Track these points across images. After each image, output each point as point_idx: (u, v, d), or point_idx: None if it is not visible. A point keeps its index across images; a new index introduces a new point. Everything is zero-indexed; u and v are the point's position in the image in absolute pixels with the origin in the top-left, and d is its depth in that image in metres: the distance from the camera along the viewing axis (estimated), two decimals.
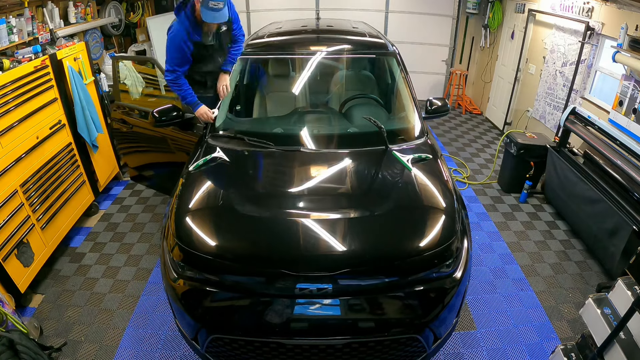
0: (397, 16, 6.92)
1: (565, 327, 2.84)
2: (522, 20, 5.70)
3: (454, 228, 2.11)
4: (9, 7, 3.47)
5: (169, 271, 2.09)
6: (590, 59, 4.34)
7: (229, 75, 3.10)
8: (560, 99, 4.87)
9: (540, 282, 3.25)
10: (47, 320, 2.86)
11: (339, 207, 2.23)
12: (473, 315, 2.92)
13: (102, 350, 2.64)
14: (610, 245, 3.14)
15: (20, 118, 2.98)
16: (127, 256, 3.52)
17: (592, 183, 3.44)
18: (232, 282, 2.00)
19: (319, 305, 1.95)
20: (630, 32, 3.49)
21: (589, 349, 2.09)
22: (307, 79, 3.26)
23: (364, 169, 2.56)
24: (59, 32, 4.04)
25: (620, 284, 1.96)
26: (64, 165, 3.53)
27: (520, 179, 4.37)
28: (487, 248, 3.65)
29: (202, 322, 2.01)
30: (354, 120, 3.00)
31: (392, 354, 2.05)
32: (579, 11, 4.38)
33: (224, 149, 2.65)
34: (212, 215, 2.21)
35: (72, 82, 3.59)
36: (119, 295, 3.09)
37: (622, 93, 3.74)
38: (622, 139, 3.26)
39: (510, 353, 2.65)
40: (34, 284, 3.09)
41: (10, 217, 2.80)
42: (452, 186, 2.42)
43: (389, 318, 1.99)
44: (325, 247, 1.97)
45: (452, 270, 2.05)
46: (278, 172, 2.56)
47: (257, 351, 2.04)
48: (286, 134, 2.89)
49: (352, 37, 3.50)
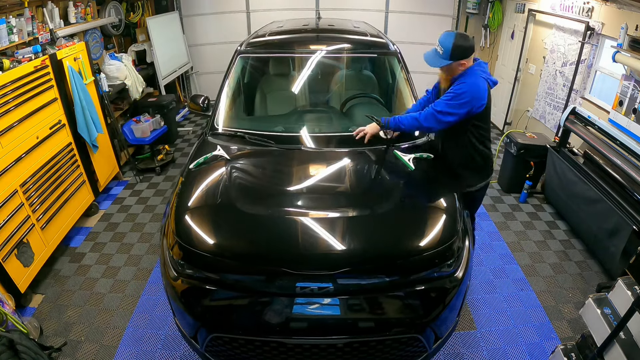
0: (397, 16, 6.91)
1: (565, 327, 2.84)
2: (522, 20, 5.70)
3: (456, 227, 2.11)
4: (9, 7, 3.47)
5: (169, 269, 2.09)
6: (590, 59, 4.34)
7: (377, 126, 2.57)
8: (560, 99, 4.87)
9: (540, 282, 3.25)
10: (47, 320, 2.85)
11: (340, 205, 2.23)
12: (473, 315, 2.92)
13: (102, 350, 2.64)
14: (610, 245, 3.14)
15: (20, 118, 2.98)
16: (127, 256, 3.51)
17: (592, 183, 3.44)
18: (232, 280, 2.00)
19: (319, 304, 1.95)
20: (630, 32, 3.49)
21: (589, 349, 2.09)
22: (308, 77, 3.27)
23: (365, 168, 2.56)
24: (59, 32, 4.04)
25: (620, 284, 1.96)
26: (64, 165, 3.52)
27: (520, 179, 4.37)
28: (487, 248, 3.65)
29: (201, 320, 2.01)
30: (355, 119, 3.00)
31: (393, 353, 2.05)
32: (579, 11, 4.37)
33: (225, 147, 2.65)
34: (212, 213, 2.21)
35: (72, 82, 3.59)
36: (119, 295, 3.09)
37: (622, 93, 3.74)
38: (622, 139, 3.26)
39: (510, 353, 2.65)
40: (34, 284, 3.08)
41: (10, 217, 2.80)
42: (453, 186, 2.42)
43: (390, 317, 1.99)
44: (326, 246, 1.97)
45: (453, 269, 2.05)
46: (279, 170, 2.56)
47: (257, 350, 2.03)
48: (287, 132, 2.89)
49: (354, 36, 3.50)
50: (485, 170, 2.59)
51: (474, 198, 2.70)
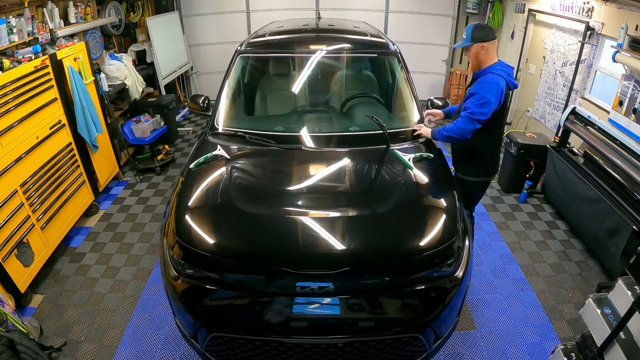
0: (397, 16, 6.92)
1: (565, 327, 2.84)
2: (522, 20, 5.70)
3: (456, 227, 2.11)
4: (9, 7, 3.47)
5: (169, 269, 2.09)
6: (590, 59, 4.34)
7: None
8: (560, 99, 4.87)
9: (540, 282, 3.25)
10: (47, 320, 2.85)
11: (340, 205, 2.23)
12: (473, 315, 2.92)
13: (102, 350, 2.64)
14: (610, 245, 3.14)
15: (20, 118, 2.98)
16: (127, 256, 3.51)
17: (592, 183, 3.44)
18: (233, 280, 2.00)
19: (319, 303, 1.95)
20: (630, 32, 3.49)
21: (589, 349, 2.09)
22: (309, 77, 3.26)
23: (365, 168, 2.56)
24: (59, 32, 4.04)
25: (620, 284, 1.96)
26: (64, 165, 3.52)
27: (520, 179, 4.37)
28: (487, 248, 3.65)
29: (202, 320, 2.01)
30: (355, 119, 3.00)
31: (393, 353, 2.05)
32: (579, 11, 4.38)
33: (225, 147, 2.65)
34: (212, 213, 2.21)
35: (72, 82, 3.59)
36: (119, 295, 3.09)
37: (622, 93, 3.74)
38: (622, 139, 3.26)
39: (510, 353, 2.65)
40: (34, 284, 3.08)
41: (10, 217, 2.80)
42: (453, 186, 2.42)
43: (390, 317, 1.99)
44: (327, 246, 1.97)
45: (453, 269, 2.05)
46: (279, 170, 2.56)
47: (258, 350, 2.03)
48: (287, 132, 2.89)
49: (354, 36, 3.50)
50: (484, 166, 2.67)
51: (468, 191, 2.71)
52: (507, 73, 2.45)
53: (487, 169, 2.71)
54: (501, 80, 2.40)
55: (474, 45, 2.44)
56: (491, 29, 2.50)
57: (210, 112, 3.10)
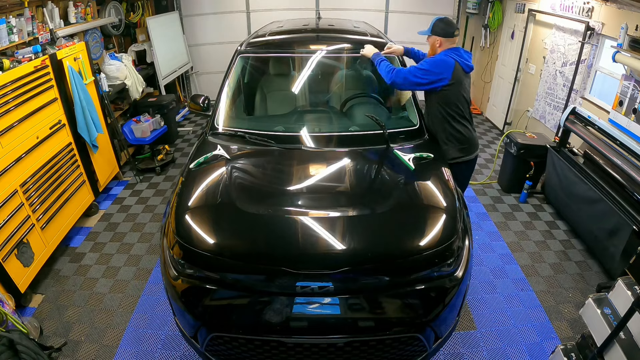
0: (397, 16, 6.92)
1: (565, 327, 2.84)
2: (522, 20, 5.70)
3: (455, 227, 2.11)
4: (9, 7, 3.47)
5: (169, 269, 2.09)
6: (590, 59, 4.34)
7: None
8: (560, 99, 4.87)
9: (540, 282, 3.25)
10: (47, 320, 2.85)
11: (340, 205, 2.23)
12: (473, 315, 2.92)
13: (102, 350, 2.64)
14: (610, 245, 3.14)
15: (20, 118, 2.98)
16: (127, 256, 3.51)
17: (592, 183, 3.44)
18: (233, 279, 2.00)
19: (319, 303, 1.95)
20: (630, 32, 3.49)
21: (589, 349, 2.09)
22: (308, 77, 3.26)
23: (365, 168, 2.56)
24: (59, 32, 4.04)
25: (620, 284, 1.96)
26: (64, 165, 3.53)
27: (520, 179, 4.37)
28: (487, 248, 3.65)
29: (202, 320, 2.01)
30: (355, 119, 3.01)
31: (393, 352, 2.05)
32: (579, 11, 4.38)
33: (225, 147, 2.66)
34: (212, 212, 2.21)
35: (72, 82, 3.59)
36: (119, 295, 3.09)
37: (622, 93, 3.74)
38: (622, 139, 3.26)
39: (510, 353, 2.65)
40: (34, 284, 3.08)
41: (10, 217, 2.80)
42: (453, 185, 2.42)
43: (390, 317, 1.99)
44: (326, 245, 1.97)
45: (453, 269, 2.05)
46: (279, 170, 2.56)
47: (258, 350, 2.03)
48: (287, 132, 2.89)
49: (354, 36, 3.50)
50: (464, 146, 2.84)
51: (456, 174, 2.71)
52: (460, 55, 2.67)
53: (469, 149, 2.86)
54: (449, 59, 2.63)
55: (432, 36, 2.73)
56: (452, 27, 2.72)
57: (210, 112, 3.10)
